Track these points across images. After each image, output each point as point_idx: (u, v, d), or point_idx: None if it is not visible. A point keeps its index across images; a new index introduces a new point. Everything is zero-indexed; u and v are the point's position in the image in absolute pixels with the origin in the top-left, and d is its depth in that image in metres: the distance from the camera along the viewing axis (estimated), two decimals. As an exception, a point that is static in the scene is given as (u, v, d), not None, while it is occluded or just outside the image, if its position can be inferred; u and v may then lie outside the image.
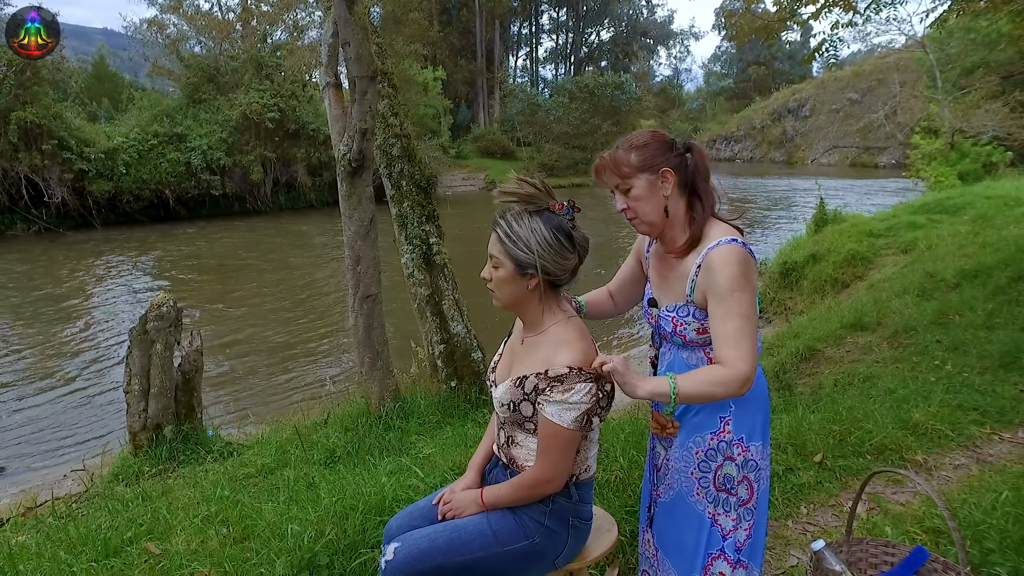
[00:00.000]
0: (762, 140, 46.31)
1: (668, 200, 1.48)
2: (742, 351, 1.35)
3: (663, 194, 1.47)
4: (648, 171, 1.45)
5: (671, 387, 1.36)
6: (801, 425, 3.18)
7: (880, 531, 2.33)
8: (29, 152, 17.08)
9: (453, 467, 2.83)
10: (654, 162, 1.45)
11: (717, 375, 1.36)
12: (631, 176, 1.46)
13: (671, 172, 1.46)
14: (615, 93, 32.25)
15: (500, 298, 1.51)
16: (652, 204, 1.48)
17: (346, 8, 3.65)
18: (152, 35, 24.40)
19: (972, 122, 16.69)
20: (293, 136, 21.79)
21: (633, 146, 1.47)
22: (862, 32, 20.05)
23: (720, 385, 1.36)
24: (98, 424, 6.50)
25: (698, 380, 1.37)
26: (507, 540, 1.49)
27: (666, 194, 1.47)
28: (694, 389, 1.37)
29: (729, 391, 1.36)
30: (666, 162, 1.46)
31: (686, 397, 1.37)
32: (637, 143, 1.47)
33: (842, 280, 7.91)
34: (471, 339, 4.53)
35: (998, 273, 5.69)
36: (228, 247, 16.79)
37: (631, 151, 1.46)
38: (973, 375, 3.92)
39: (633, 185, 1.46)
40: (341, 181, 3.97)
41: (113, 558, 2.38)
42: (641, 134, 1.50)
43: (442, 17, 38.19)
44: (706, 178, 1.50)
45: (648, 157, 1.45)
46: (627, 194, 1.48)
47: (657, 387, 1.38)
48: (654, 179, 1.46)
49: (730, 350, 1.36)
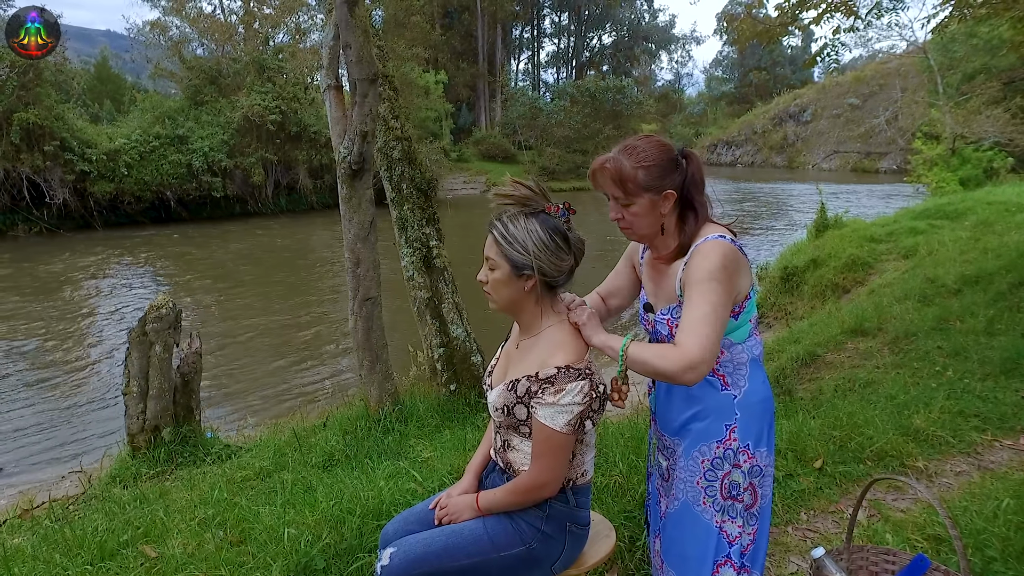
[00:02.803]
0: (763, 145, 46.33)
1: (665, 217, 1.48)
2: (698, 337, 1.32)
3: (661, 211, 1.47)
4: (652, 191, 1.44)
5: (622, 346, 1.40)
6: (801, 430, 3.17)
7: (881, 538, 2.32)
8: (31, 153, 17.11)
9: (451, 471, 2.82)
10: (660, 184, 1.44)
11: (667, 352, 1.35)
12: (634, 195, 1.44)
13: (673, 193, 1.45)
14: (616, 97, 32.33)
15: (496, 300, 1.50)
16: (649, 220, 1.48)
17: (348, 11, 3.65)
18: (154, 37, 24.45)
19: (973, 127, 16.69)
20: (294, 138, 21.83)
21: (641, 164, 1.43)
22: (863, 37, 20.12)
23: (666, 361, 1.33)
24: (97, 425, 6.49)
25: (649, 351, 1.38)
26: (503, 545, 1.48)
27: (664, 212, 1.47)
28: (641, 356, 1.38)
29: (672, 371, 1.32)
30: (671, 183, 1.45)
31: (632, 362, 1.40)
32: (645, 161, 1.43)
33: (843, 285, 7.91)
34: (471, 342, 4.51)
35: (999, 279, 5.68)
36: (229, 249, 16.80)
37: (638, 169, 1.43)
38: (974, 381, 3.90)
39: (634, 203, 1.45)
40: (341, 184, 3.96)
41: (109, 561, 2.37)
42: (648, 147, 1.45)
43: (444, 20, 38.29)
44: (701, 189, 1.49)
45: (655, 178, 1.43)
46: (626, 208, 1.47)
47: (608, 341, 1.44)
48: (657, 199, 1.45)
49: (686, 335, 1.34)
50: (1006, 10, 6.60)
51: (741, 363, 1.51)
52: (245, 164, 20.81)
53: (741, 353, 1.50)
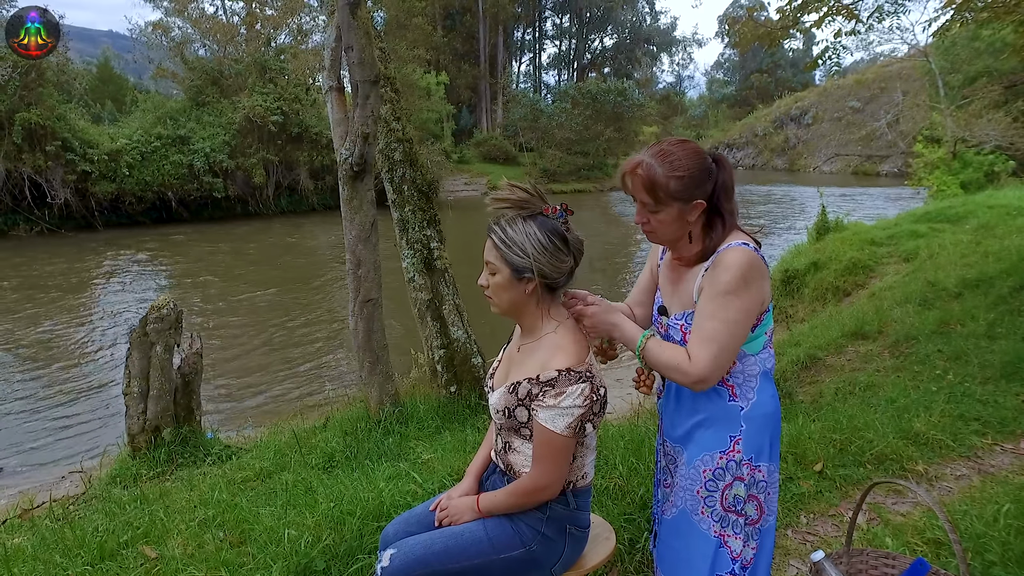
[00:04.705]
0: (764, 147, 46.31)
1: (692, 225, 1.46)
2: (709, 353, 1.36)
3: (688, 219, 1.44)
4: (682, 201, 1.41)
5: (640, 342, 1.45)
6: (801, 434, 3.17)
7: (880, 542, 2.32)
8: (33, 153, 17.15)
9: (452, 473, 2.82)
10: (692, 194, 1.41)
11: (681, 363, 1.39)
12: (664, 203, 1.41)
13: (703, 203, 1.43)
14: (618, 99, 32.30)
15: (498, 304, 1.50)
16: (675, 227, 1.45)
17: (349, 13, 3.66)
18: (157, 38, 24.52)
19: (975, 131, 16.67)
20: (296, 139, 21.85)
21: (674, 174, 1.39)
22: (865, 41, 20.16)
23: (678, 372, 1.39)
24: (97, 426, 6.49)
25: (666, 354, 1.42)
26: (503, 547, 1.48)
27: (691, 220, 1.44)
28: (657, 357, 1.42)
29: (682, 381, 1.41)
30: (702, 193, 1.42)
31: (648, 360, 1.44)
32: (679, 170, 1.39)
33: (843, 288, 7.89)
34: (471, 344, 4.51)
35: (1000, 283, 5.67)
36: (230, 250, 16.81)
37: (671, 178, 1.38)
38: (975, 385, 3.89)
39: (663, 210, 1.43)
40: (343, 185, 3.97)
41: (109, 561, 2.37)
42: (683, 155, 1.40)
43: (445, 22, 38.33)
44: (730, 196, 1.46)
45: (687, 188, 1.40)
46: (653, 215, 1.44)
47: (630, 335, 1.48)
48: (685, 208, 1.42)
49: (698, 348, 1.38)
50: (1007, 13, 6.60)
51: (752, 375, 1.49)
52: (246, 165, 20.83)
53: (753, 365, 1.48)
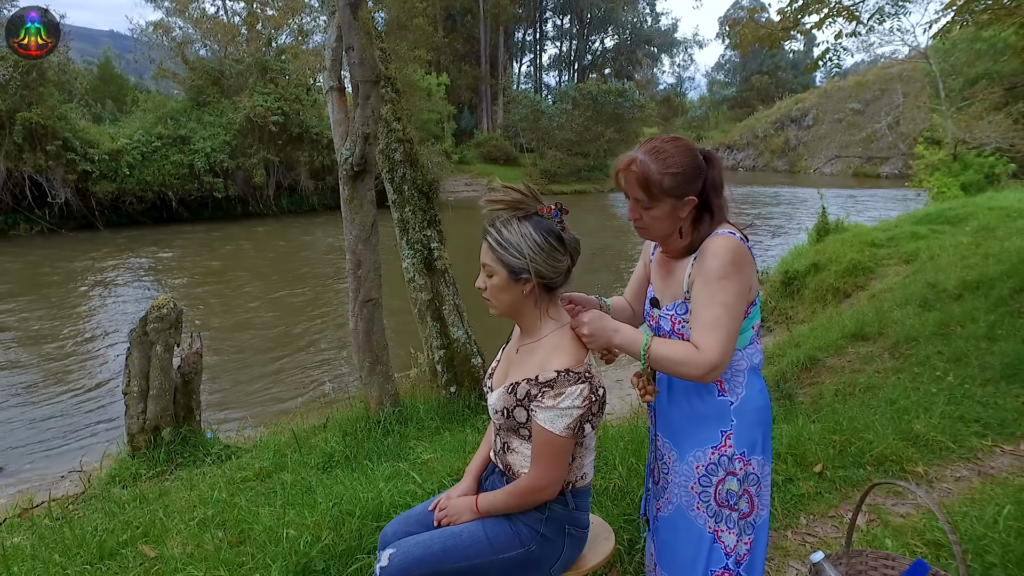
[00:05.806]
0: (765, 149, 46.34)
1: (683, 221, 1.48)
2: (716, 339, 1.36)
3: (680, 215, 1.46)
4: (675, 197, 1.44)
5: (644, 344, 1.40)
6: (801, 435, 3.17)
7: (880, 543, 2.32)
8: (33, 153, 17.16)
9: (451, 473, 2.82)
10: (684, 190, 1.43)
11: (691, 355, 1.37)
12: (657, 199, 1.43)
13: (695, 199, 1.45)
14: (618, 100, 32.34)
15: (496, 306, 1.51)
16: (667, 223, 1.47)
17: (350, 13, 3.66)
18: (158, 38, 24.54)
19: (975, 133, 16.67)
20: (296, 140, 21.86)
21: (668, 171, 1.41)
22: (865, 42, 20.16)
23: (689, 365, 1.37)
24: (97, 425, 6.49)
25: (672, 351, 1.40)
26: (502, 548, 1.48)
27: (683, 216, 1.46)
28: (665, 356, 1.40)
29: (693, 374, 1.38)
30: (694, 190, 1.44)
31: (654, 360, 1.41)
32: (672, 167, 1.41)
33: (843, 290, 7.88)
34: (471, 344, 4.52)
35: (1000, 284, 5.67)
36: (230, 249, 16.81)
37: (665, 175, 1.41)
38: (975, 387, 3.89)
39: (655, 206, 1.45)
40: (343, 185, 3.97)
41: (108, 561, 2.38)
42: (676, 152, 1.43)
43: (446, 23, 38.35)
44: (720, 192, 1.48)
45: (680, 184, 1.42)
46: (646, 211, 1.46)
47: (630, 338, 1.43)
48: (678, 204, 1.44)
49: (704, 336, 1.37)
50: (1008, 15, 6.59)
51: (740, 370, 1.50)
52: (247, 165, 20.84)
53: (740, 360, 1.50)
